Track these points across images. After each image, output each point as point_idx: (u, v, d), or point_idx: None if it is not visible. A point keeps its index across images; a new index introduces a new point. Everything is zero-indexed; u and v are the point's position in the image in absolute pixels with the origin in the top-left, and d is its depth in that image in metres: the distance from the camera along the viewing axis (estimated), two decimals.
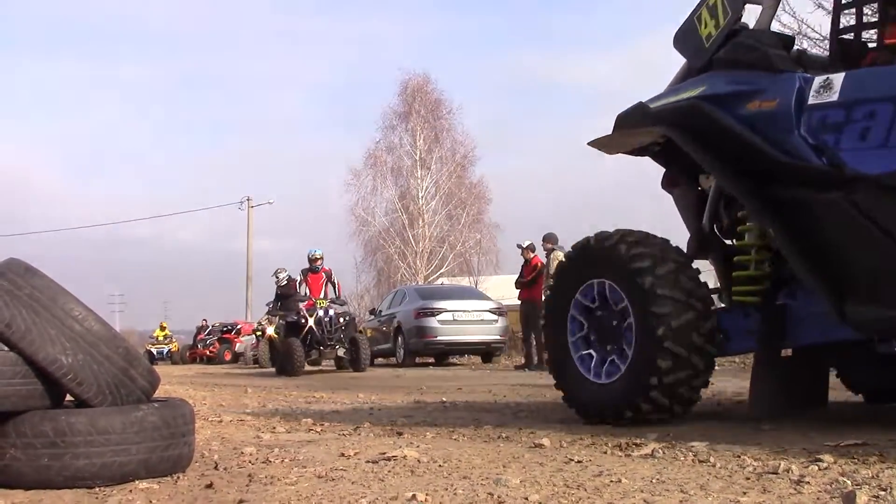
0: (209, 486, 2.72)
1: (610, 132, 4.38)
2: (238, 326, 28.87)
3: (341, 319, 12.65)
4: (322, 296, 12.94)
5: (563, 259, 4.55)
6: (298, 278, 13.30)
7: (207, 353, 27.74)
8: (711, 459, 2.88)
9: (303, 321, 12.51)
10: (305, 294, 13.01)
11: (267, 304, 16.72)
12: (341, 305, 13.32)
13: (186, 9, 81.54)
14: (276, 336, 15.82)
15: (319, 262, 13.19)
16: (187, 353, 28.43)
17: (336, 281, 13.51)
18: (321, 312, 12.49)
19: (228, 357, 26.37)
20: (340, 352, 12.53)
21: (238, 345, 26.79)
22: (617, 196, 63.13)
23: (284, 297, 15.79)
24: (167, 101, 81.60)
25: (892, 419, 4.11)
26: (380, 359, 16.23)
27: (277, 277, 15.63)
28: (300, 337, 12.46)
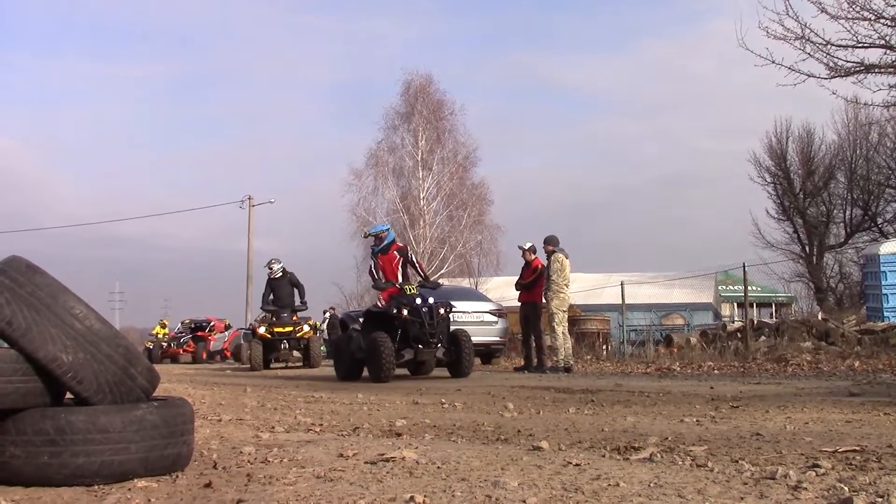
0: (208, 485, 2.73)
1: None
2: (211, 323, 27.75)
3: (442, 310, 9.83)
4: (402, 280, 10.21)
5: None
6: (371, 263, 10.51)
7: (181, 351, 26.41)
8: (709, 464, 2.88)
9: (394, 311, 9.64)
10: (382, 280, 10.17)
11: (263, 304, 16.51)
12: (434, 288, 10.54)
13: (188, 6, 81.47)
14: (268, 336, 14.88)
15: (385, 237, 10.36)
16: (159, 353, 26.51)
17: (415, 260, 10.69)
18: (419, 301, 9.64)
19: (205, 356, 25.41)
20: (440, 352, 9.88)
21: (212, 342, 26.20)
22: (616, 199, 63.15)
23: (277, 289, 14.82)
24: (168, 98, 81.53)
25: (891, 426, 4.12)
26: None
27: (271, 269, 14.73)
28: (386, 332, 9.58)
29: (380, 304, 10.04)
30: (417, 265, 10.57)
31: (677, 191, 65.35)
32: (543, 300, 11.67)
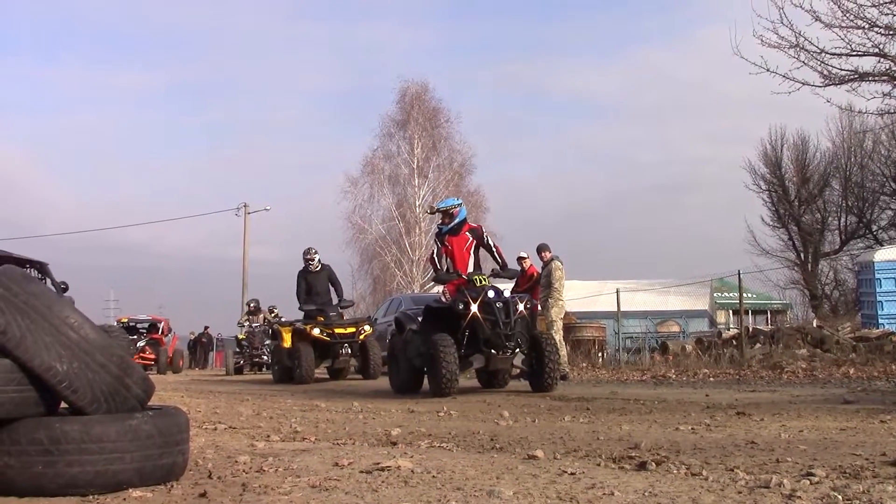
0: (203, 494, 2.72)
1: None
2: (160, 324, 23.52)
3: (520, 307, 7.91)
4: (472, 269, 8.32)
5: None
6: (434, 248, 8.62)
7: (139, 359, 20.44)
8: (704, 473, 2.89)
9: (461, 307, 7.76)
10: (449, 270, 8.27)
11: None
12: (511, 278, 8.80)
13: (184, 14, 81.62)
14: (326, 338, 11.80)
15: (457, 214, 8.58)
16: None
17: (492, 243, 8.70)
18: (492, 294, 7.78)
19: (171, 364, 21.97)
20: (518, 359, 8.00)
21: (162, 348, 22.66)
22: (612, 206, 63.29)
23: (315, 285, 11.98)
24: (163, 106, 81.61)
25: (885, 434, 4.13)
26: None
27: (312, 259, 11.76)
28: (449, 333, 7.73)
29: (444, 299, 8.14)
30: (495, 249, 8.53)
31: (673, 198, 65.47)
32: (540, 308, 11.67)
